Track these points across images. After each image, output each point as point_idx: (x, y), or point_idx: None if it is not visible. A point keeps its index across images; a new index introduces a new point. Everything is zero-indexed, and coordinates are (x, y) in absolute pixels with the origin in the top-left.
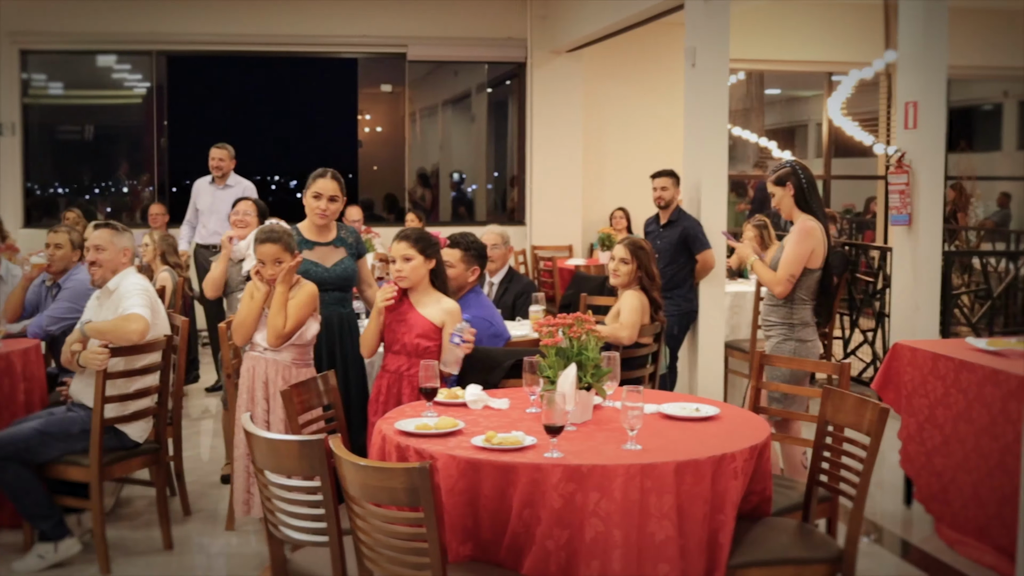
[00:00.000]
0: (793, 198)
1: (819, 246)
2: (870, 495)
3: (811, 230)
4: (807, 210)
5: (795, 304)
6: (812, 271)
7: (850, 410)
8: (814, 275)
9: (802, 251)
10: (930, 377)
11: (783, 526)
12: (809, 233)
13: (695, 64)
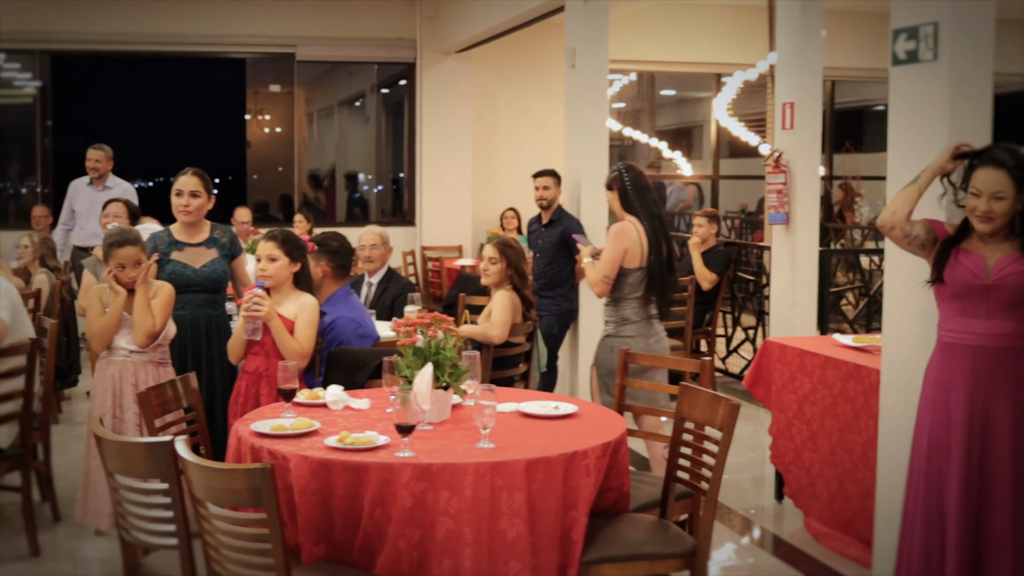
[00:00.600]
0: (620, 201)
1: (633, 246)
2: (743, 491)
3: (623, 231)
4: (631, 211)
5: (619, 303)
6: (631, 270)
7: (704, 406)
8: (634, 274)
9: (614, 252)
10: (798, 374)
11: (639, 522)
12: (621, 234)
13: (575, 65)
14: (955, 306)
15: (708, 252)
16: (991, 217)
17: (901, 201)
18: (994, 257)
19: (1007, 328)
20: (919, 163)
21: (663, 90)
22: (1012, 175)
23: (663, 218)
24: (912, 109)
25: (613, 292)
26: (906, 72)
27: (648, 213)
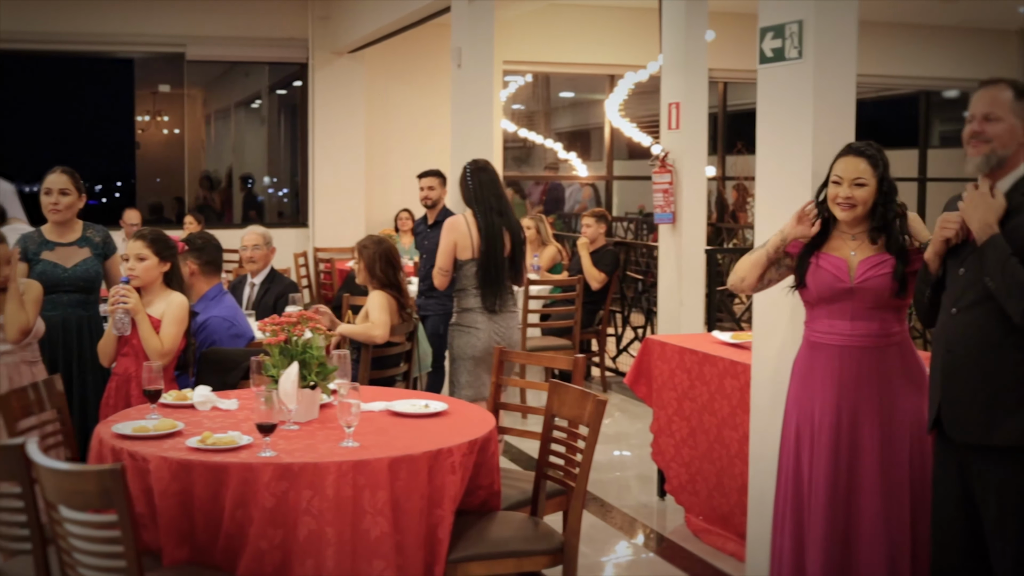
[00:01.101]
0: (462, 196)
1: (463, 238)
2: (627, 488)
3: (453, 224)
4: (470, 205)
5: (458, 294)
6: (464, 262)
7: (573, 403)
8: (468, 265)
9: (446, 245)
10: (677, 370)
11: (509, 520)
12: (451, 227)
13: (461, 64)
14: (820, 309)
15: (597, 252)
16: (852, 203)
17: (748, 267)
18: (857, 259)
19: (871, 328)
20: (787, 162)
21: (561, 92)
22: (872, 163)
23: (504, 212)
24: (778, 107)
25: (456, 284)
26: (773, 70)
27: (485, 208)
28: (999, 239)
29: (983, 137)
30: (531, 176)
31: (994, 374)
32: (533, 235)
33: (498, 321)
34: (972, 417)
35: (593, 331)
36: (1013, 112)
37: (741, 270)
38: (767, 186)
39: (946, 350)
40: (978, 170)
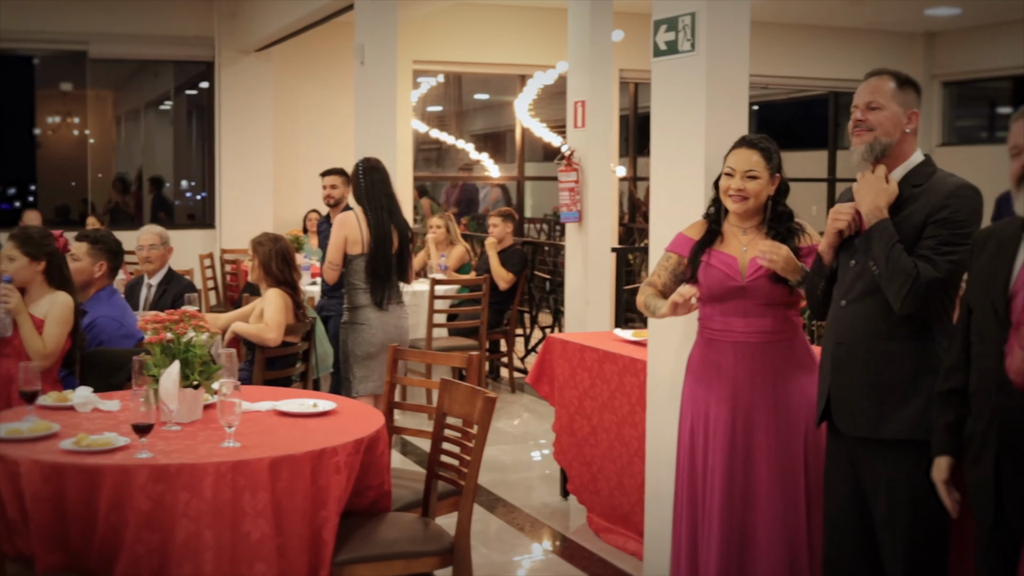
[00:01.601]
0: (352, 192)
1: (353, 233)
2: (531, 488)
3: (344, 220)
4: (360, 203)
5: (349, 291)
6: (354, 256)
7: (464, 400)
8: (358, 260)
9: (336, 240)
10: (578, 369)
11: (399, 521)
12: (342, 223)
13: (364, 62)
14: (713, 306)
15: (505, 251)
16: (744, 195)
17: (644, 310)
18: (748, 256)
19: (764, 325)
20: (680, 155)
21: (476, 94)
22: (765, 156)
23: (393, 211)
24: (672, 101)
25: (345, 280)
26: (667, 64)
27: (375, 205)
28: (887, 223)
29: (866, 125)
30: (442, 177)
31: (882, 367)
32: (442, 235)
33: (388, 317)
34: (861, 410)
35: (501, 331)
36: (895, 100)
37: (640, 307)
38: (661, 180)
39: (835, 343)
40: (863, 159)
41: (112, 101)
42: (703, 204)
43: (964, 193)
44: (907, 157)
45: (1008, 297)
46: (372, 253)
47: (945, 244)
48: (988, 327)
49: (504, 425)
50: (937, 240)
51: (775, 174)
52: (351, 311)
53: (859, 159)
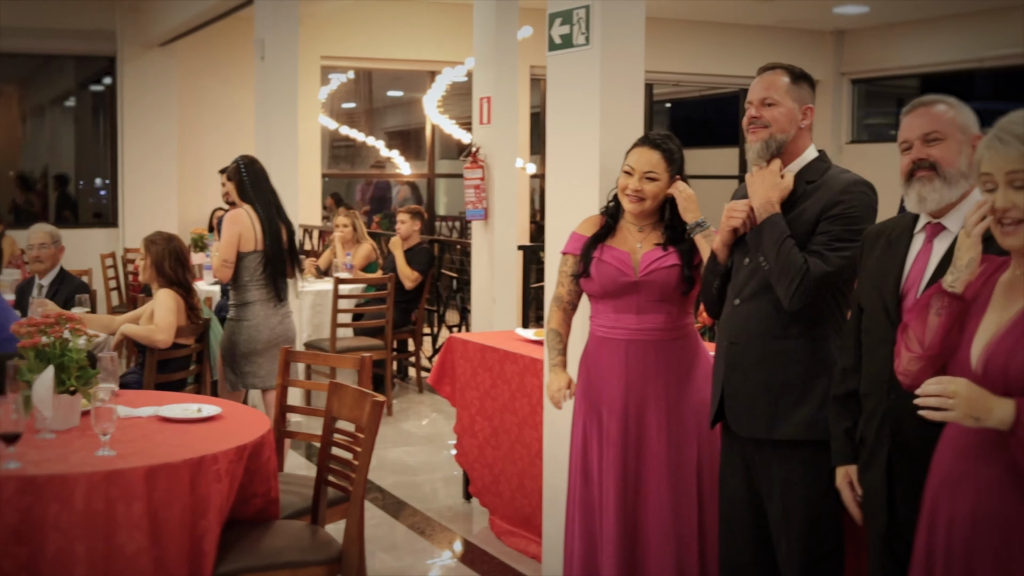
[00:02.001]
0: (236, 191)
1: (247, 230)
2: (433, 491)
3: (236, 217)
4: (247, 200)
5: (241, 288)
6: (247, 253)
7: (353, 404)
8: (250, 257)
9: (230, 237)
10: (479, 369)
11: (286, 529)
12: (234, 220)
13: (264, 57)
14: (606, 303)
15: (412, 250)
16: (641, 197)
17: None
18: (642, 251)
19: (657, 322)
20: (576, 151)
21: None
22: (666, 157)
23: (280, 207)
24: (567, 96)
25: (235, 278)
26: (562, 58)
27: (264, 201)
28: (778, 218)
29: (761, 122)
30: (351, 174)
31: (776, 366)
32: (348, 233)
33: (276, 314)
34: (755, 411)
35: (408, 330)
36: (790, 96)
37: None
38: (557, 177)
39: (729, 342)
40: (758, 156)
41: (17, 97)
42: (599, 201)
43: (858, 189)
44: (801, 153)
45: (899, 296)
46: (267, 250)
47: (837, 240)
48: (879, 327)
49: (411, 426)
50: (829, 236)
51: (676, 175)
52: (239, 308)
53: (754, 156)
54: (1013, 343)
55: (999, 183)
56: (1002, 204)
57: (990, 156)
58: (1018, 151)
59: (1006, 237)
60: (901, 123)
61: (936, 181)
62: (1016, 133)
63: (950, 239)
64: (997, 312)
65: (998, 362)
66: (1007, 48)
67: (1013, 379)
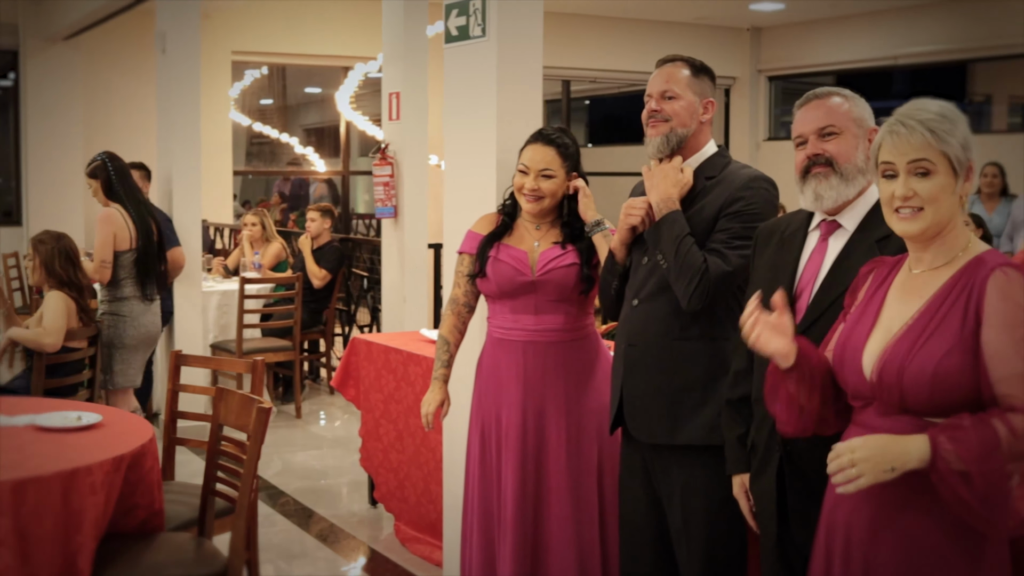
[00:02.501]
0: (103, 190)
1: (121, 230)
2: (338, 496)
3: (110, 217)
4: (115, 199)
5: (116, 284)
6: (122, 252)
7: (240, 410)
8: (126, 255)
9: (106, 238)
10: (383, 371)
11: (169, 542)
12: (108, 220)
13: (165, 50)
14: (503, 303)
15: (322, 248)
16: (539, 195)
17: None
18: (539, 250)
19: (556, 323)
20: (473, 146)
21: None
22: (561, 153)
23: (148, 204)
24: (463, 89)
25: (113, 275)
26: (458, 50)
27: (133, 199)
28: (677, 215)
29: (661, 116)
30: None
31: (676, 368)
32: (258, 232)
33: (149, 311)
34: (655, 415)
35: (319, 331)
36: (691, 89)
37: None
38: (455, 173)
39: (627, 344)
40: (658, 151)
41: None
42: (496, 198)
43: (758, 185)
44: (701, 148)
45: (792, 298)
46: (141, 248)
47: (737, 237)
48: None
49: (320, 429)
50: (728, 233)
51: (572, 171)
52: (115, 303)
53: (654, 151)
54: (908, 347)
55: (899, 171)
56: (902, 192)
57: (892, 143)
58: (921, 138)
59: (903, 222)
60: (794, 117)
61: (833, 178)
62: (921, 119)
63: (846, 237)
64: (891, 315)
65: (893, 369)
66: (922, 46)
67: (909, 386)
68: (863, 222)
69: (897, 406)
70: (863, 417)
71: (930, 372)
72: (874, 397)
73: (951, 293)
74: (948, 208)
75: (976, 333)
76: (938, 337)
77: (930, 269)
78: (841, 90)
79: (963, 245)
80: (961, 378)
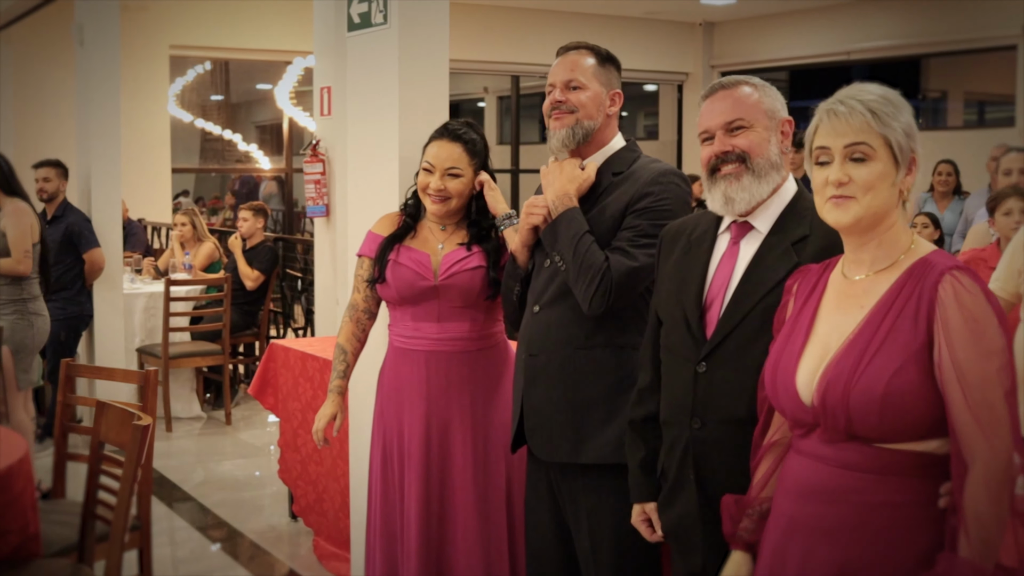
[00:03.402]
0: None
1: (34, 221)
2: (259, 509)
3: (21, 209)
4: (15, 194)
5: (24, 280)
6: (34, 245)
7: (120, 426)
8: (35, 250)
9: (24, 229)
10: (301, 379)
11: (44, 570)
12: (22, 212)
13: (83, 42)
14: (404, 310)
15: (254, 248)
16: (446, 196)
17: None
18: (442, 253)
19: (461, 331)
20: (375, 141)
21: (259, 84)
22: (468, 149)
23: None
24: (366, 80)
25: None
26: (360, 39)
27: (23, 194)
28: (575, 212)
29: (566, 107)
30: (203, 169)
31: (579, 381)
32: (188, 231)
33: (46, 308)
34: (557, 432)
35: (252, 333)
36: (597, 79)
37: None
38: (358, 170)
39: (528, 354)
40: (563, 145)
41: None
42: (399, 196)
43: (668, 180)
44: (608, 142)
45: (702, 308)
46: (42, 242)
47: (644, 235)
48: (679, 343)
49: (250, 436)
50: (635, 231)
51: (481, 169)
52: (27, 302)
53: (557, 145)
54: (853, 365)
55: (835, 155)
56: (836, 177)
57: (829, 125)
58: (861, 120)
59: (835, 210)
60: (701, 109)
61: (745, 177)
62: (862, 99)
63: (759, 240)
64: (827, 329)
65: (836, 390)
66: (876, 41)
67: (857, 410)
68: (777, 223)
69: (844, 432)
70: (807, 445)
71: (879, 392)
72: (817, 423)
73: (896, 300)
74: (885, 199)
75: (928, 347)
76: (886, 352)
77: (871, 273)
78: (750, 79)
79: (906, 246)
80: (915, 398)
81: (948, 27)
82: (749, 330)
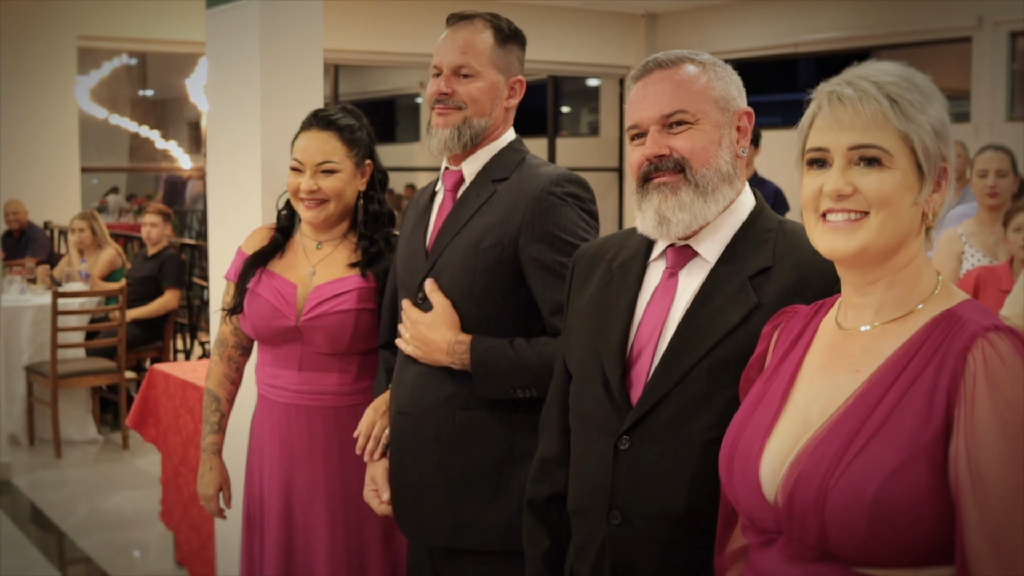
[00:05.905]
0: None
1: None
2: (143, 553)
3: None
4: None
5: None
6: None
7: None
8: None
9: None
10: (181, 410)
11: None
12: None
13: None
14: (265, 352)
15: (156, 256)
16: (321, 199)
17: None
18: (312, 284)
19: (326, 383)
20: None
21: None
22: (345, 139)
23: None
24: (225, 64)
25: None
26: (219, 16)
27: None
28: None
29: (454, 101)
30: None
31: (460, 448)
32: (87, 237)
33: None
34: (430, 510)
35: (157, 348)
36: (494, 65)
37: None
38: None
39: (397, 412)
40: (446, 148)
41: None
42: (262, 204)
43: (565, 189)
44: (497, 138)
45: (626, 363)
46: None
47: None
48: (594, 410)
49: (147, 463)
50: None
51: (364, 161)
52: None
53: (439, 147)
54: (836, 455)
55: (834, 160)
56: (836, 186)
57: (831, 115)
58: (875, 109)
59: (833, 233)
60: (630, 95)
61: (684, 191)
62: (878, 81)
63: (705, 271)
64: (808, 397)
65: (809, 490)
66: (824, 32)
67: (835, 519)
68: (729, 249)
69: (814, 548)
70: (763, 560)
71: (869, 497)
72: (779, 531)
73: (907, 366)
74: (905, 221)
75: (945, 438)
76: (884, 439)
77: (876, 325)
78: (697, 54)
79: (927, 291)
80: (919, 509)
81: (900, 18)
82: (690, 395)
